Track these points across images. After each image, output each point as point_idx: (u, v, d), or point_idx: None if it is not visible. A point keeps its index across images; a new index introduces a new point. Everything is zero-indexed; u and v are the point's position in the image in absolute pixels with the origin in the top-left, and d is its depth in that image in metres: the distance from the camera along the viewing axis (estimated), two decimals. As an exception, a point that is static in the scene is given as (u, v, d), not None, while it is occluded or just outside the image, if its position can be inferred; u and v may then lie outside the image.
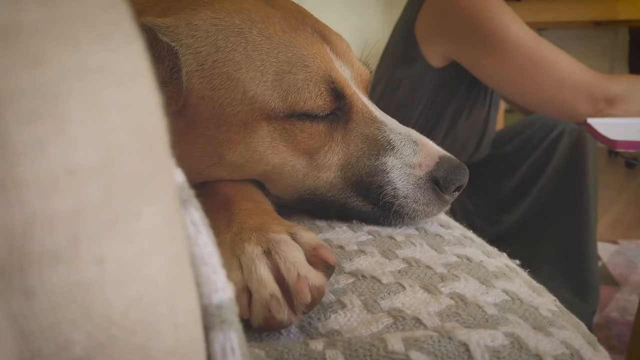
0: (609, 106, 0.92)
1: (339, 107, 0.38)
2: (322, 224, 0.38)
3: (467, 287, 0.30)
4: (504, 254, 0.39)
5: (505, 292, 0.30)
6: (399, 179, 0.37)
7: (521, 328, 0.26)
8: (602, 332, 1.29)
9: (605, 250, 1.69)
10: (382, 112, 0.40)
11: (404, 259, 0.33)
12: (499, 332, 0.25)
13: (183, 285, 0.14)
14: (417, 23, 1.09)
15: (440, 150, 0.39)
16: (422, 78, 1.11)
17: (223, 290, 0.16)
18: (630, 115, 0.93)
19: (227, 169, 0.38)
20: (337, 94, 0.37)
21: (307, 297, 0.26)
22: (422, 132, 1.27)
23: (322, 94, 0.36)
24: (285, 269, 0.27)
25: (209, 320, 0.15)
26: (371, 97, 1.38)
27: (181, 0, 0.38)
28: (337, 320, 0.28)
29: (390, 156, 0.37)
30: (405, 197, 0.37)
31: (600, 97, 0.91)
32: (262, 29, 0.36)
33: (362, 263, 0.33)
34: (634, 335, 0.89)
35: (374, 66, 0.45)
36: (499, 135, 1.29)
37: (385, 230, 0.37)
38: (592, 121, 0.90)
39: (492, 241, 1.28)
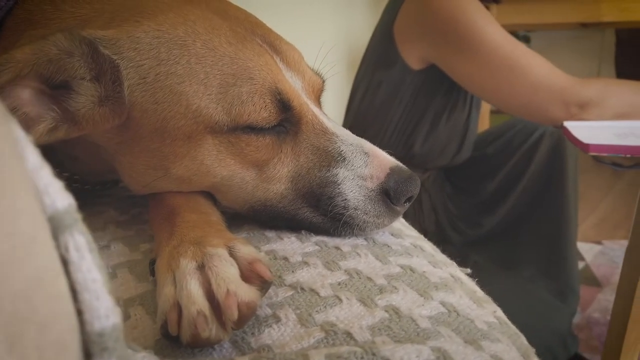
0: (581, 111, 0.92)
1: (286, 119, 0.38)
2: (271, 234, 0.38)
3: (404, 299, 0.30)
4: (454, 263, 0.39)
5: (443, 304, 0.30)
6: (350, 190, 0.37)
7: (451, 342, 0.26)
8: (583, 332, 1.29)
9: (589, 251, 1.70)
10: (334, 123, 0.40)
11: (346, 271, 0.33)
12: (426, 347, 0.25)
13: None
14: (395, 25, 1.09)
15: (391, 161, 0.39)
16: (402, 80, 1.11)
17: (105, 317, 0.16)
18: (604, 119, 0.93)
19: (174, 182, 0.38)
20: (284, 106, 0.37)
21: (234, 315, 0.26)
22: (403, 134, 1.27)
23: (267, 106, 0.36)
24: (215, 284, 0.27)
25: (91, 347, 0.15)
26: (353, 98, 1.38)
27: (125, 11, 0.37)
28: (270, 335, 0.28)
29: (341, 168, 0.37)
30: (355, 209, 0.37)
31: (573, 102, 0.92)
32: (207, 41, 0.36)
33: (303, 275, 0.32)
34: (609, 335, 0.90)
35: (328, 74, 0.45)
36: (481, 138, 1.29)
37: (333, 241, 0.37)
38: (568, 124, 0.90)
39: (474, 243, 1.28)
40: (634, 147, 0.79)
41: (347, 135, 0.38)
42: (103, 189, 0.51)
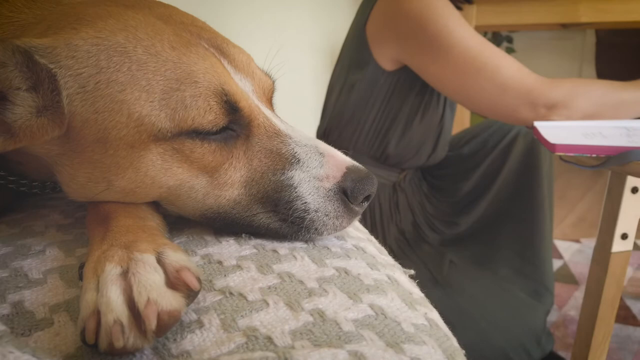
0: (550, 111, 0.93)
1: (235, 121, 0.37)
2: (210, 237, 0.38)
3: (333, 302, 0.30)
4: (395, 265, 0.39)
5: (372, 306, 0.30)
6: (308, 192, 0.36)
7: (371, 346, 0.26)
8: (559, 330, 1.31)
9: (567, 249, 1.71)
10: (287, 125, 0.39)
11: (278, 274, 0.33)
12: (343, 351, 0.25)
13: None
14: (367, 26, 1.09)
15: (347, 161, 0.38)
16: (375, 81, 1.11)
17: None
18: (573, 120, 0.94)
19: (117, 195, 0.37)
20: (231, 107, 0.36)
21: (152, 324, 0.25)
22: (378, 134, 1.27)
23: (212, 108, 0.35)
24: (136, 292, 0.27)
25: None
26: (328, 99, 1.38)
27: (64, 19, 0.36)
28: (192, 341, 0.27)
29: (296, 170, 0.37)
30: (316, 211, 0.36)
31: (541, 102, 0.92)
32: (148, 47, 0.35)
33: (234, 279, 0.32)
34: (579, 333, 0.90)
35: (277, 75, 0.44)
36: (457, 138, 1.30)
37: (271, 244, 0.37)
38: (537, 124, 0.91)
39: (451, 242, 1.29)
40: (600, 147, 0.80)
41: (300, 136, 0.38)
42: (54, 191, 0.50)
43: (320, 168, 0.37)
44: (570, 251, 1.68)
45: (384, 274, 0.35)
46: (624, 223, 0.84)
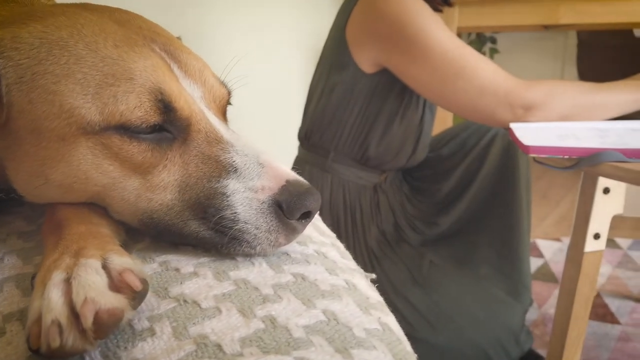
0: (527, 112, 0.94)
1: (170, 123, 0.37)
2: (169, 244, 0.38)
3: (286, 309, 0.30)
4: (356, 269, 0.39)
5: (324, 312, 0.31)
6: (239, 203, 0.35)
7: (319, 351, 0.27)
8: (538, 328, 1.32)
9: (548, 248, 1.73)
10: (233, 134, 0.39)
11: (234, 281, 0.33)
12: (290, 358, 0.25)
13: None
14: (347, 29, 1.10)
15: (289, 174, 0.37)
16: (355, 83, 1.12)
17: None
18: (549, 121, 0.95)
19: (57, 190, 0.37)
20: (165, 107, 0.36)
21: (88, 321, 0.26)
22: (358, 136, 1.28)
23: (142, 105, 0.35)
24: (75, 292, 0.27)
25: None
26: (310, 102, 1.38)
27: (18, 15, 0.37)
28: (143, 349, 0.28)
29: (232, 179, 0.36)
30: (245, 223, 0.35)
31: (518, 104, 0.93)
32: (90, 43, 0.35)
33: (190, 286, 0.32)
34: (554, 332, 0.92)
35: (236, 85, 0.44)
36: (437, 139, 1.31)
37: (230, 250, 0.37)
38: (513, 126, 0.92)
39: (431, 242, 1.30)
40: (572, 148, 0.81)
41: (244, 146, 0.38)
42: (20, 196, 0.49)
43: (257, 179, 0.36)
44: (551, 250, 1.71)
45: (342, 279, 0.36)
46: (596, 223, 0.85)
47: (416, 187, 1.29)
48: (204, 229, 0.36)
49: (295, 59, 2.23)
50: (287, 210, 0.36)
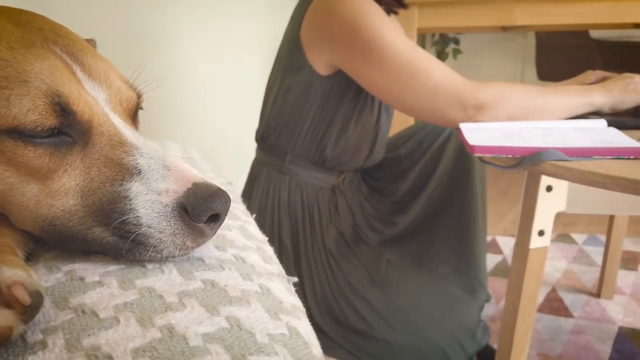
0: (478, 112, 0.96)
1: (69, 126, 0.36)
2: (78, 253, 0.37)
3: (188, 317, 0.30)
4: (274, 273, 0.39)
5: (228, 319, 0.30)
6: (142, 206, 0.35)
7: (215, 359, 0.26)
8: (496, 323, 1.35)
9: (507, 245, 1.77)
10: (139, 137, 0.38)
11: (139, 290, 0.32)
12: (180, 367, 0.25)
13: None
14: (301, 31, 1.10)
15: (196, 177, 0.36)
16: (310, 85, 1.12)
17: None
18: (499, 121, 0.97)
19: None
20: (63, 110, 0.35)
21: None
22: (315, 138, 1.28)
23: (37, 108, 0.34)
24: None
25: None
26: (266, 104, 1.38)
27: None
28: (31, 363, 0.27)
29: (135, 182, 0.35)
30: (149, 227, 0.35)
31: (470, 104, 0.95)
32: None
33: (92, 296, 0.32)
34: (503, 327, 0.94)
35: (147, 88, 0.43)
36: (394, 139, 1.32)
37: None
38: (462, 126, 0.94)
39: (390, 242, 1.31)
40: (515, 147, 0.83)
41: (150, 148, 0.37)
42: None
43: (161, 181, 0.35)
44: (510, 247, 1.75)
45: (257, 284, 0.36)
46: (540, 220, 0.87)
47: (375, 188, 1.30)
48: (108, 235, 0.35)
49: (253, 60, 2.21)
50: (193, 213, 0.35)
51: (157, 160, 0.36)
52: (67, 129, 0.36)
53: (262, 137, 1.23)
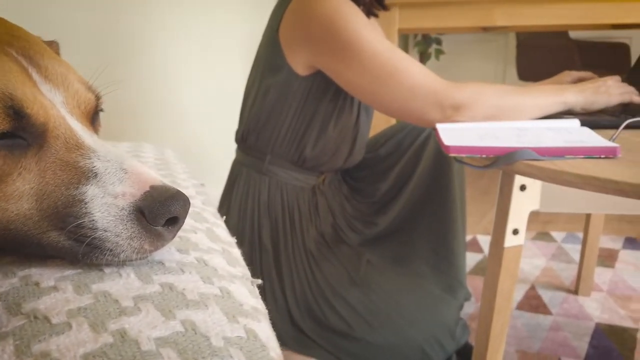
0: (455, 113, 0.97)
1: (23, 129, 0.35)
2: (36, 257, 0.36)
3: (142, 321, 0.30)
4: (243, 276, 0.39)
5: (183, 322, 0.30)
6: (98, 209, 0.34)
7: (165, 364, 0.26)
8: (475, 322, 1.36)
9: (488, 243, 1.79)
10: (97, 140, 0.37)
11: (94, 294, 0.32)
12: (129, 373, 0.25)
13: None
14: (280, 31, 1.10)
15: (154, 180, 0.36)
16: (289, 86, 1.12)
17: None
18: (476, 121, 0.98)
19: None
20: (16, 113, 0.34)
21: None
22: (295, 138, 1.28)
23: None
24: None
25: None
26: (245, 104, 1.37)
27: None
28: (-22, 370, 0.26)
29: (92, 185, 0.35)
30: (105, 230, 0.34)
31: (447, 104, 0.96)
32: None
33: (46, 301, 0.31)
34: (480, 324, 0.95)
35: (106, 90, 0.42)
36: (374, 140, 1.33)
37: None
38: (438, 126, 0.94)
39: (370, 242, 1.31)
40: (490, 147, 0.84)
41: (108, 151, 0.36)
42: None
43: (118, 184, 0.35)
44: (491, 245, 1.76)
45: (217, 287, 0.35)
46: (515, 219, 0.88)
47: (355, 188, 1.31)
48: (63, 239, 0.35)
49: (236, 60, 2.21)
50: (150, 216, 0.35)
51: (114, 163, 0.35)
52: (21, 132, 0.35)
53: (242, 138, 1.23)
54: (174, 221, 0.36)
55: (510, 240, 0.89)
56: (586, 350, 1.23)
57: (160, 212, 0.35)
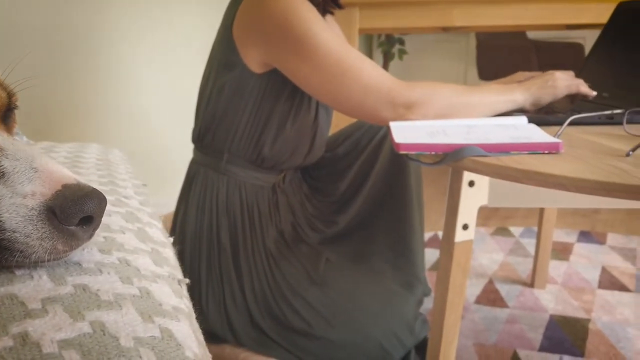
0: (408, 111, 0.98)
1: None
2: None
3: (47, 323, 0.29)
4: (169, 275, 0.38)
5: (92, 324, 0.29)
6: (5, 210, 0.33)
7: (65, 367, 0.25)
8: (435, 317, 1.38)
9: (449, 240, 1.82)
10: (6, 138, 0.36)
11: (0, 297, 0.31)
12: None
13: None
14: (234, 28, 1.09)
15: (68, 179, 0.35)
16: (245, 83, 1.11)
17: None
18: (428, 119, 1.00)
19: None
20: None
21: None
22: (252, 137, 1.27)
23: None
24: None
25: None
26: (200, 102, 1.35)
27: None
28: None
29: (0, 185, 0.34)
30: (13, 231, 0.33)
31: (400, 102, 0.97)
32: None
33: (-54, 306, 0.30)
34: (434, 317, 0.96)
35: (19, 87, 0.41)
36: (333, 138, 1.33)
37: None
38: (391, 124, 0.95)
39: (330, 241, 1.31)
40: (439, 144, 0.85)
41: (17, 150, 0.35)
42: None
43: (27, 184, 0.33)
44: (452, 241, 1.79)
45: (136, 287, 0.35)
46: (464, 214, 0.90)
47: (315, 187, 1.31)
48: None
49: (192, 59, 2.18)
50: (62, 216, 0.33)
51: (23, 162, 0.34)
52: None
53: (198, 137, 1.21)
54: (89, 220, 0.35)
55: (460, 235, 0.90)
56: (540, 342, 1.27)
57: (72, 211, 0.34)
